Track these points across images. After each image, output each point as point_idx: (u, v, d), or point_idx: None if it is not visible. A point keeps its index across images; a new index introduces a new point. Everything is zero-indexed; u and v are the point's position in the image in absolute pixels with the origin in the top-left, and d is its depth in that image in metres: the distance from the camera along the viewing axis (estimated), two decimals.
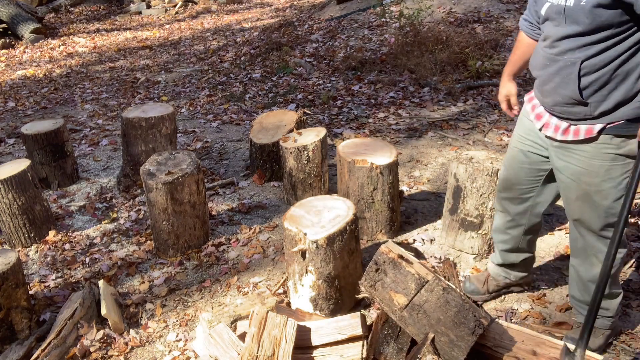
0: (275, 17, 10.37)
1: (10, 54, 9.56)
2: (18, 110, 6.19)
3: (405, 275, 2.00)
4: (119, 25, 11.70)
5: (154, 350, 2.48)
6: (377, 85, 5.75)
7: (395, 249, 2.06)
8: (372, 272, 2.06)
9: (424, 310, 1.97)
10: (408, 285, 1.99)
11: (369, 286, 2.08)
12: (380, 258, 2.04)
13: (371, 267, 2.05)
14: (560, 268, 2.80)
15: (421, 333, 2.01)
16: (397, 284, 2.01)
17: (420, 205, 3.50)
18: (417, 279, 1.99)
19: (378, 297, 2.08)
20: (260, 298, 2.72)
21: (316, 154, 3.39)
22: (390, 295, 2.02)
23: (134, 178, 3.94)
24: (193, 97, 6.23)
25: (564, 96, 1.88)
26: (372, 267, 2.05)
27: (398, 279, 2.01)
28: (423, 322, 1.98)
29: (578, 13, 1.74)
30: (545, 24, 1.93)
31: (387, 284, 2.02)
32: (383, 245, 2.09)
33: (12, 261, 2.48)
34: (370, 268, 2.05)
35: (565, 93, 1.87)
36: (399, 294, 2.01)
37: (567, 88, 1.85)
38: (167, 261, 3.12)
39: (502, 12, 7.09)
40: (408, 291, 1.99)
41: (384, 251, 2.06)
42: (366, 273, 2.06)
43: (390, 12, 7.21)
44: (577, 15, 1.75)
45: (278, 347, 2.09)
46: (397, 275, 2.02)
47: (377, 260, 2.05)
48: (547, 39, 1.91)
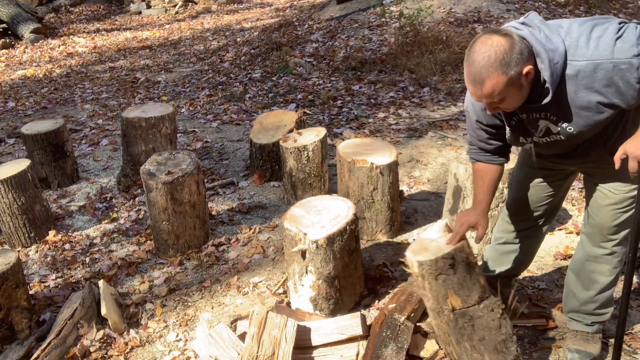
0: (275, 17, 10.37)
1: (10, 54, 9.56)
2: (18, 110, 6.19)
3: (474, 283, 1.92)
4: (119, 25, 11.70)
5: (154, 350, 2.48)
6: (377, 85, 5.75)
7: (471, 253, 1.97)
8: (445, 264, 1.89)
9: (473, 323, 1.92)
10: (472, 293, 1.91)
11: (429, 273, 1.90)
12: (459, 255, 1.90)
13: (446, 259, 1.89)
14: (560, 268, 2.80)
15: (449, 342, 1.98)
16: (461, 287, 1.91)
17: (420, 205, 3.50)
18: (482, 292, 1.92)
19: (430, 286, 1.93)
20: (260, 298, 2.72)
21: (316, 154, 3.39)
22: (447, 293, 1.92)
23: (134, 178, 3.94)
24: (193, 97, 6.23)
25: (595, 162, 1.89)
26: (447, 259, 1.89)
27: (465, 283, 1.91)
28: (464, 333, 1.93)
29: (571, 138, 1.76)
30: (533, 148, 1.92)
31: (451, 282, 1.90)
32: (464, 245, 1.93)
33: (12, 261, 2.48)
34: (444, 260, 1.89)
35: (597, 160, 1.88)
36: (457, 297, 1.91)
37: (598, 157, 1.86)
38: (167, 261, 3.12)
39: (502, 12, 7.09)
40: (468, 299, 1.91)
41: (465, 251, 1.93)
42: (437, 260, 1.88)
43: (390, 12, 7.21)
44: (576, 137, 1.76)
45: (278, 347, 2.09)
46: (466, 279, 1.91)
47: (454, 256, 1.90)
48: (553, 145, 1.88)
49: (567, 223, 3.21)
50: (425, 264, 1.89)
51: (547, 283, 2.69)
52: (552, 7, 7.35)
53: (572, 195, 3.48)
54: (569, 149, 1.89)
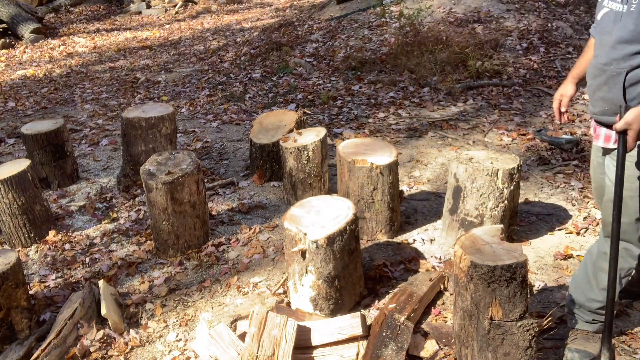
0: (275, 17, 10.37)
1: (10, 54, 9.56)
2: (18, 110, 6.19)
3: (521, 301, 1.90)
4: (119, 25, 11.70)
5: (154, 350, 2.48)
6: (377, 85, 5.75)
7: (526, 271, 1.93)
8: (504, 275, 1.85)
9: (504, 338, 1.91)
10: (515, 309, 1.90)
11: (482, 279, 1.86)
12: (519, 271, 1.87)
13: (505, 270, 1.84)
14: (561, 268, 2.80)
15: (468, 345, 1.98)
16: (508, 301, 1.88)
17: (420, 205, 3.50)
18: (524, 310, 1.91)
19: (475, 289, 1.90)
20: (260, 298, 2.72)
21: (316, 154, 3.39)
22: (493, 302, 1.90)
23: (134, 178, 3.94)
24: (193, 97, 6.23)
25: (612, 105, 1.90)
26: (506, 273, 1.84)
27: (512, 299, 1.89)
28: (492, 344, 1.93)
29: (627, 19, 1.76)
30: (597, 29, 1.96)
31: (501, 293, 1.88)
32: (526, 260, 1.89)
33: (12, 261, 2.48)
34: (503, 270, 1.84)
35: (613, 102, 1.89)
36: (500, 309, 1.90)
37: (614, 98, 1.87)
38: (167, 261, 3.12)
39: (502, 12, 7.08)
40: (510, 314, 1.90)
41: (526, 267, 1.89)
42: (495, 268, 1.83)
43: (390, 12, 7.21)
44: (626, 21, 1.77)
45: (278, 347, 2.09)
46: (515, 296, 1.88)
47: (516, 272, 1.86)
48: (597, 48, 1.93)
49: (567, 223, 3.21)
50: (481, 268, 1.85)
51: (547, 283, 2.69)
52: (552, 7, 7.35)
53: (572, 195, 3.49)
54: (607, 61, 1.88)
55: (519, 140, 4.35)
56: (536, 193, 3.58)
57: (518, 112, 4.91)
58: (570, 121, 4.28)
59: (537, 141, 4.26)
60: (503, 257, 1.88)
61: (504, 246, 1.96)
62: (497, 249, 1.94)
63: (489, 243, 1.98)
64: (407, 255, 2.96)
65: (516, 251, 1.94)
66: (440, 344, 2.29)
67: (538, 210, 3.35)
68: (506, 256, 1.89)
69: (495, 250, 1.93)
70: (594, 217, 3.23)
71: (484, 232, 2.05)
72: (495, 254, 1.91)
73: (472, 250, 1.94)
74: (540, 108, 4.97)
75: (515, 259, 1.87)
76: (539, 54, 6.10)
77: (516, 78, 5.61)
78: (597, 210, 3.27)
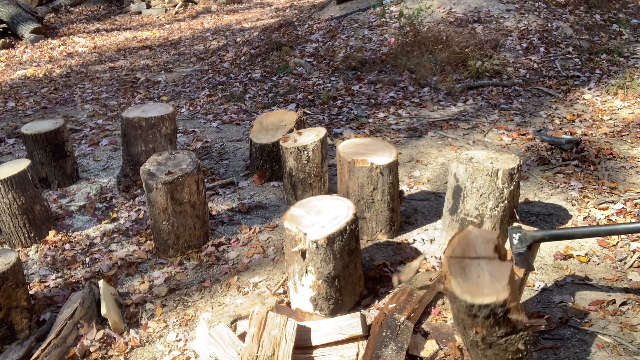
0: (275, 17, 10.37)
1: (10, 54, 9.56)
2: (18, 110, 6.19)
3: (506, 325, 1.81)
4: (119, 25, 11.70)
5: (154, 350, 2.48)
6: (377, 85, 5.75)
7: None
8: (482, 312, 1.74)
9: (491, 346, 1.85)
10: (499, 330, 1.80)
11: (462, 308, 1.78)
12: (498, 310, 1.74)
13: (484, 309, 1.73)
14: (561, 268, 2.80)
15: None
16: (490, 327, 1.80)
17: (420, 205, 3.50)
18: (511, 330, 1.81)
19: (458, 313, 1.83)
20: (260, 298, 2.72)
21: (316, 154, 3.39)
22: (475, 324, 1.83)
23: (134, 178, 3.94)
24: (193, 97, 6.23)
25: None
26: (485, 310, 1.73)
27: (494, 326, 1.80)
28: (480, 348, 1.89)
29: None
30: None
31: (482, 321, 1.80)
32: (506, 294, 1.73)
33: (12, 261, 2.48)
34: (482, 308, 1.73)
35: None
36: (484, 329, 1.83)
37: None
38: (167, 261, 3.12)
39: (502, 12, 7.08)
40: (495, 333, 1.81)
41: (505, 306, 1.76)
42: (472, 307, 1.72)
43: (390, 12, 7.21)
44: None
45: (278, 347, 2.09)
46: (498, 324, 1.80)
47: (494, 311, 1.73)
48: None
49: (567, 223, 3.21)
50: (460, 301, 1.71)
51: (547, 283, 2.69)
52: (552, 7, 7.35)
53: (572, 195, 3.49)
54: None
55: (519, 140, 4.35)
56: (536, 193, 3.58)
57: (518, 112, 4.92)
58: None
59: (537, 141, 4.26)
60: (484, 289, 1.72)
61: (492, 267, 1.79)
62: (483, 271, 1.78)
63: (479, 257, 1.83)
64: (407, 255, 2.96)
65: (501, 281, 1.74)
66: (440, 344, 2.29)
67: (538, 210, 3.36)
68: (488, 289, 1.72)
69: (480, 275, 1.76)
70: (594, 217, 3.23)
71: (480, 236, 1.92)
72: (478, 280, 1.74)
73: (458, 268, 1.80)
74: (540, 108, 4.97)
75: (495, 295, 1.69)
76: (539, 54, 6.10)
77: (516, 78, 5.62)
78: (597, 210, 3.27)
